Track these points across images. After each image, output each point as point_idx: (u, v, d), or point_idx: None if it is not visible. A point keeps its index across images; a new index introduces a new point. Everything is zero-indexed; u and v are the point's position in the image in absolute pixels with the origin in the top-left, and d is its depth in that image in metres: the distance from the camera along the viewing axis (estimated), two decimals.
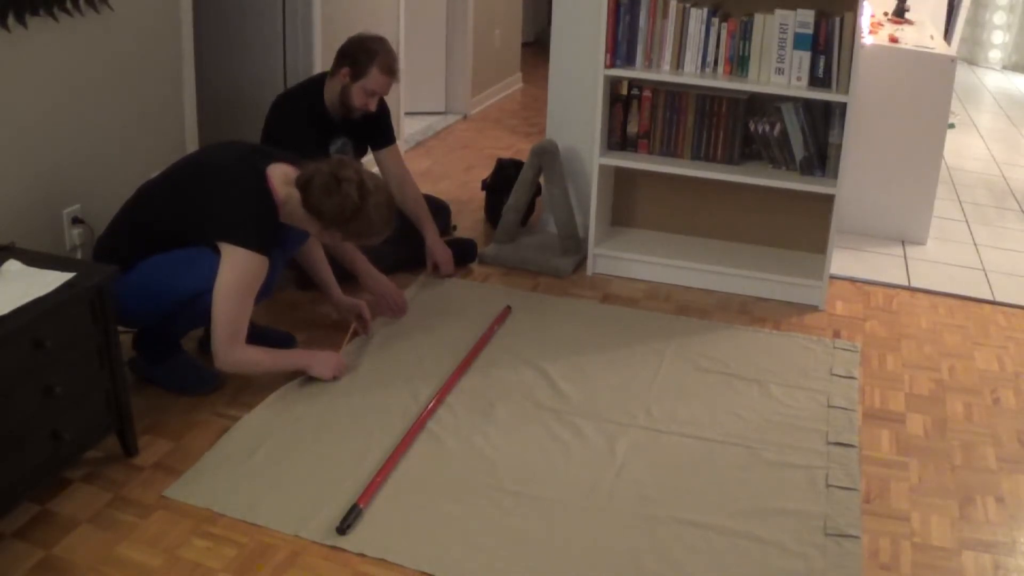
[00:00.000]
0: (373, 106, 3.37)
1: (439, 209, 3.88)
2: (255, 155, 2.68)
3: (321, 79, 3.45)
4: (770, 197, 3.73)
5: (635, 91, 3.59)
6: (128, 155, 3.19)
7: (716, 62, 3.47)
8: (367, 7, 4.62)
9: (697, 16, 3.42)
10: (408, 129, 5.45)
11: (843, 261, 3.99)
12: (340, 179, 2.56)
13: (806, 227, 3.75)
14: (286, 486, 2.38)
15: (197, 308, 2.60)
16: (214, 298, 2.53)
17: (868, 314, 3.57)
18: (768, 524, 2.33)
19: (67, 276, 2.25)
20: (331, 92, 3.38)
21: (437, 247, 3.63)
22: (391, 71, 3.34)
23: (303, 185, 2.57)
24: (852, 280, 3.86)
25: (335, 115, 3.42)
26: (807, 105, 3.43)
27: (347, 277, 3.34)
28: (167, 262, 2.56)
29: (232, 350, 2.58)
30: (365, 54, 3.30)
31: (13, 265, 2.28)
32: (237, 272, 2.53)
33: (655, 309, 3.50)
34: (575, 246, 3.86)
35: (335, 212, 2.57)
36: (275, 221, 2.62)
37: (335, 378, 2.84)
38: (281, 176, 2.63)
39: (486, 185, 4.27)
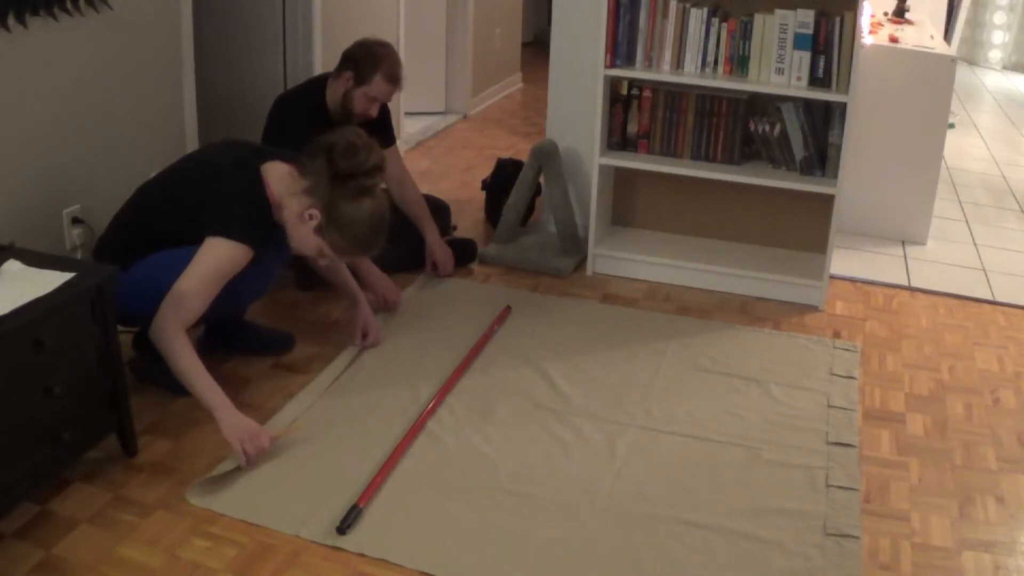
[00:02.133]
0: (375, 112, 3.37)
1: (439, 209, 3.88)
2: (252, 153, 2.66)
3: (322, 80, 3.44)
4: (770, 197, 3.73)
5: (635, 91, 3.59)
6: (128, 155, 3.20)
7: (716, 62, 3.47)
8: (367, 7, 4.62)
9: (697, 16, 3.42)
10: (408, 129, 5.45)
11: (843, 261, 3.99)
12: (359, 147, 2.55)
13: (806, 227, 3.75)
14: (286, 486, 2.38)
15: None
16: (182, 273, 2.46)
17: (868, 314, 3.57)
18: (768, 524, 2.33)
19: (67, 276, 2.25)
20: (333, 94, 3.37)
21: (437, 247, 3.63)
22: (395, 79, 3.34)
23: (327, 148, 2.53)
24: (852, 280, 3.86)
25: (336, 117, 3.42)
26: (807, 105, 3.43)
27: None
28: (165, 260, 2.55)
29: (168, 328, 2.42)
30: (370, 60, 3.29)
31: (13, 265, 2.28)
32: (212, 257, 2.47)
33: (655, 309, 3.50)
34: (575, 246, 3.86)
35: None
36: (267, 216, 2.58)
37: (247, 456, 2.40)
38: (277, 175, 2.60)
39: (486, 185, 4.27)
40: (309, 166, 2.56)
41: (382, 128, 3.62)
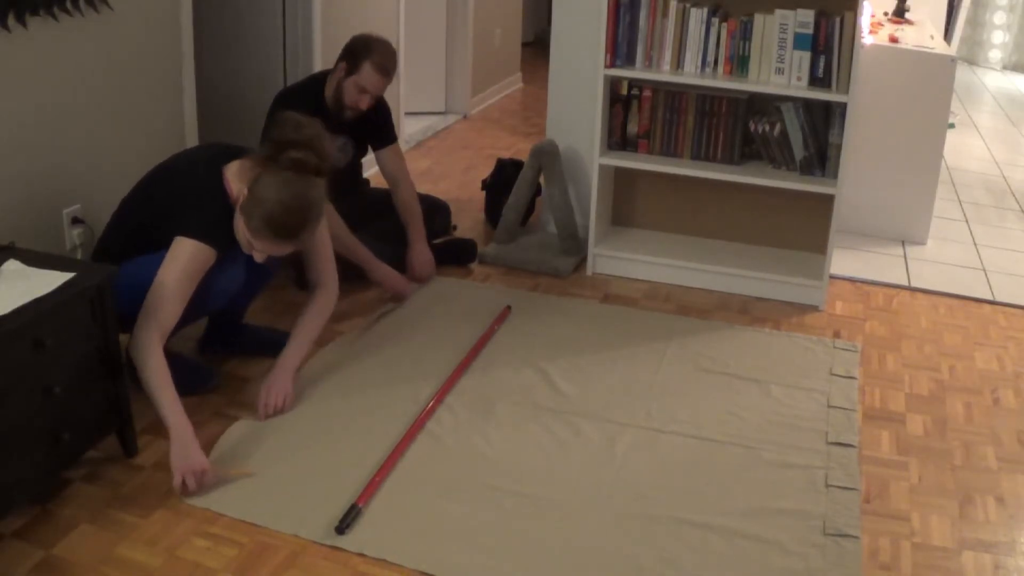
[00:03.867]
0: (364, 104, 3.37)
1: (439, 209, 3.88)
2: (219, 154, 2.60)
3: (323, 77, 3.46)
4: (770, 197, 3.73)
5: (635, 91, 3.59)
6: (128, 155, 3.19)
7: (716, 62, 3.47)
8: (367, 7, 4.62)
9: (697, 16, 3.42)
10: (408, 129, 5.45)
11: (843, 261, 3.99)
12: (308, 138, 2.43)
13: (806, 227, 3.75)
14: (286, 486, 2.38)
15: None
16: (153, 283, 2.42)
17: (868, 314, 3.57)
18: (768, 524, 2.33)
19: (67, 276, 2.25)
20: (330, 89, 3.39)
21: (417, 256, 3.57)
22: (384, 69, 3.33)
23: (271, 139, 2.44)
24: (852, 280, 3.86)
25: (333, 111, 3.42)
26: (807, 105, 3.43)
27: (347, 276, 3.36)
28: (144, 263, 2.50)
29: (142, 338, 2.37)
30: (362, 50, 3.32)
31: (13, 265, 2.28)
32: (175, 258, 2.43)
33: (655, 309, 3.50)
34: (575, 246, 3.86)
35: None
36: (226, 214, 2.49)
37: (185, 485, 2.31)
38: (237, 172, 2.51)
39: (486, 185, 4.27)
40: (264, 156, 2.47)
41: (382, 127, 3.62)
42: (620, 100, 3.62)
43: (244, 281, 2.72)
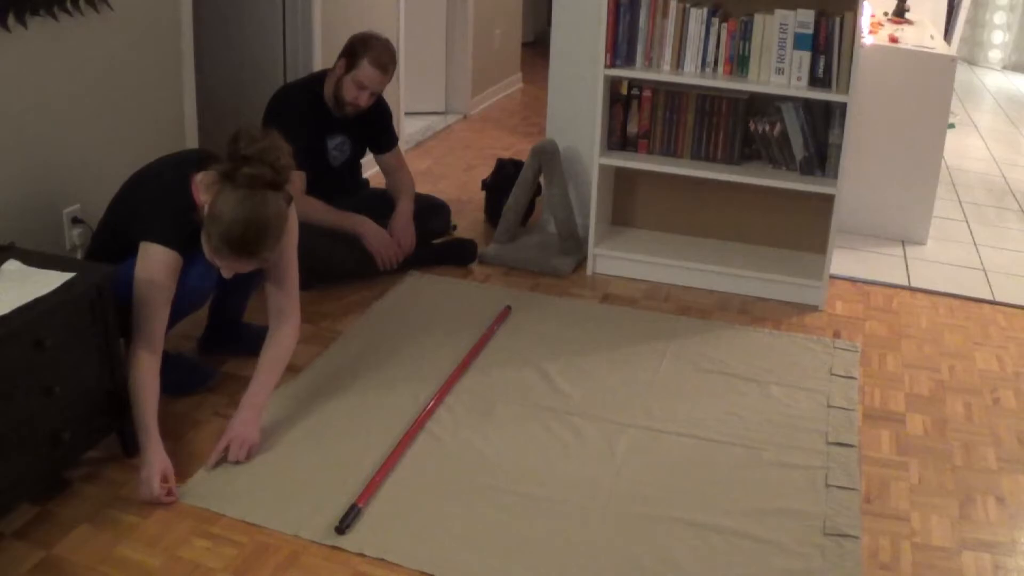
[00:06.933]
0: (363, 101, 3.37)
1: (439, 209, 3.88)
2: (187, 161, 2.56)
3: (324, 75, 3.48)
4: (770, 197, 3.73)
5: (635, 91, 3.59)
6: (128, 155, 3.19)
7: (716, 62, 3.47)
8: (367, 6, 4.62)
9: (697, 16, 3.42)
10: (408, 129, 5.45)
11: (843, 261, 3.99)
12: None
13: (806, 227, 3.75)
14: (286, 486, 2.38)
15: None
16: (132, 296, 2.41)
17: (868, 314, 3.57)
18: (768, 524, 2.33)
19: (67, 276, 2.25)
20: (329, 86, 3.40)
21: (399, 224, 3.54)
22: (382, 66, 3.34)
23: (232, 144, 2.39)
24: (852, 280, 3.86)
25: (335, 112, 3.43)
26: (807, 105, 3.43)
27: (352, 274, 3.37)
28: (129, 267, 2.47)
29: (131, 360, 2.39)
30: (361, 47, 3.35)
31: (13, 265, 2.28)
32: (141, 265, 2.41)
33: (655, 309, 3.50)
34: (575, 246, 3.86)
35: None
36: (188, 218, 2.43)
37: (153, 498, 2.31)
38: (207, 180, 2.45)
39: (486, 185, 4.27)
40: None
41: (382, 130, 3.63)
42: (620, 100, 3.62)
43: (218, 282, 2.64)
